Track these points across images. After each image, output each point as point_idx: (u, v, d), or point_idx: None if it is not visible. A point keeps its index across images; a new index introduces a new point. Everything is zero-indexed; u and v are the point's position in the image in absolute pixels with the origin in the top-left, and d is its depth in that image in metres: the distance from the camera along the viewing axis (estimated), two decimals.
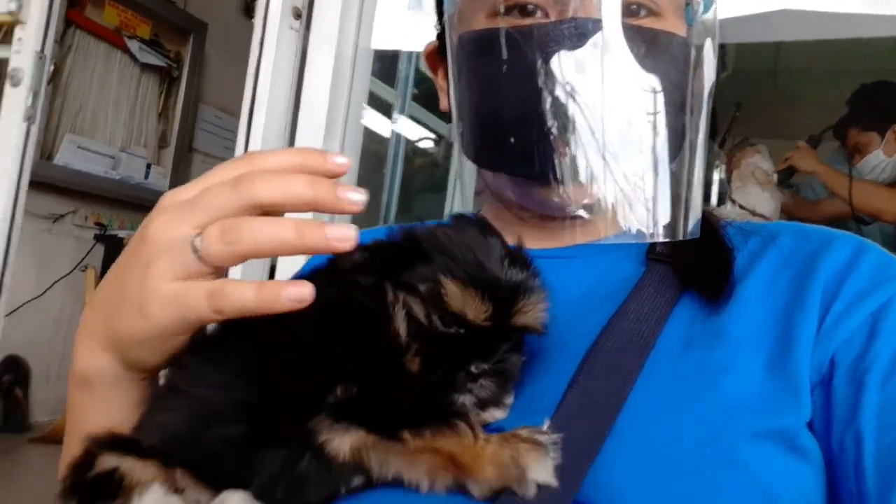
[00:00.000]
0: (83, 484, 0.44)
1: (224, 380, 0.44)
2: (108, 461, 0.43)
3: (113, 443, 0.45)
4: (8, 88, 1.50)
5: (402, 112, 2.46)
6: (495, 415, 0.47)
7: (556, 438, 0.41)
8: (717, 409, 0.46)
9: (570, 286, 0.53)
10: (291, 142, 1.33)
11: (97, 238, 3.27)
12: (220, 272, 0.44)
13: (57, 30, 1.64)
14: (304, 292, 0.40)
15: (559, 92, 0.52)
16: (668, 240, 0.52)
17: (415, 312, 0.44)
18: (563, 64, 0.52)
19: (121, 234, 3.27)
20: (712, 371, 0.48)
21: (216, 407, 0.44)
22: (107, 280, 0.49)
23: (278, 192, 0.42)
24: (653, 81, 0.53)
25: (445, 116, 0.69)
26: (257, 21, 1.25)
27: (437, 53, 0.69)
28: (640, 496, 0.42)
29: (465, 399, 0.45)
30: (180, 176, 3.63)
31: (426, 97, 2.48)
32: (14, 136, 1.47)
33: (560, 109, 0.52)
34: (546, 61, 0.52)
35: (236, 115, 3.90)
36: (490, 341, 0.44)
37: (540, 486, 0.40)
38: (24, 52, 1.51)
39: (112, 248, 3.23)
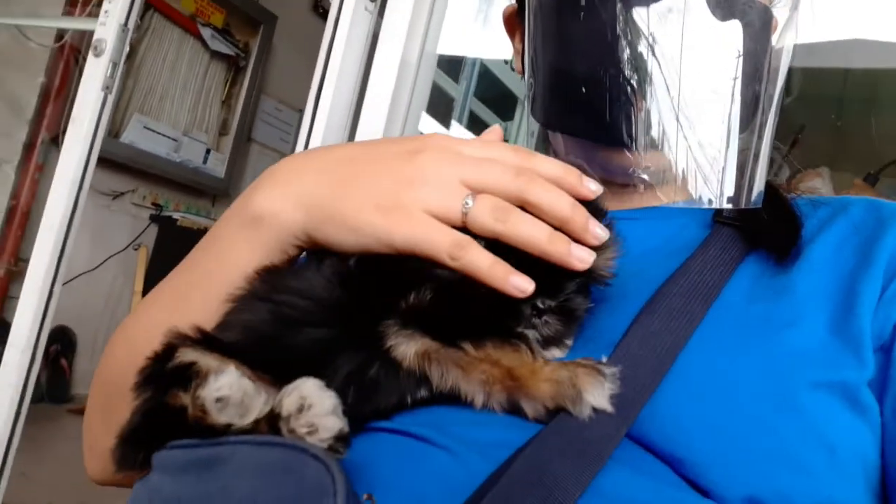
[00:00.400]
0: (161, 374, 0.44)
1: (309, 286, 0.46)
2: (187, 355, 0.44)
3: (194, 339, 0.46)
4: (90, 58, 1.53)
5: (459, 121, 2.44)
6: (555, 353, 0.47)
7: (615, 370, 0.42)
8: (779, 357, 0.46)
9: (634, 244, 0.53)
10: (353, 131, 1.32)
11: (152, 218, 3.33)
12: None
13: (139, 10, 1.67)
14: (528, 287, 0.43)
15: (637, 51, 0.52)
16: (731, 207, 0.53)
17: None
18: (643, 22, 0.52)
19: (175, 215, 3.32)
20: (776, 323, 0.48)
21: (301, 311, 0.45)
22: (345, 157, 0.52)
23: (547, 199, 0.45)
24: (735, 47, 0.53)
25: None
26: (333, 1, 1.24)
27: (515, 16, 0.70)
28: (697, 434, 0.42)
29: (530, 333, 0.46)
30: (237, 164, 3.68)
31: (488, 100, 2.46)
32: (91, 104, 1.49)
33: (638, 70, 0.52)
34: (626, 20, 0.52)
35: (296, 108, 3.94)
36: (558, 278, 0.45)
37: (595, 411, 0.40)
38: (109, 24, 1.53)
39: (166, 228, 3.28)
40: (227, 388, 0.40)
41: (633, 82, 0.52)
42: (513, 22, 0.71)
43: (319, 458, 0.36)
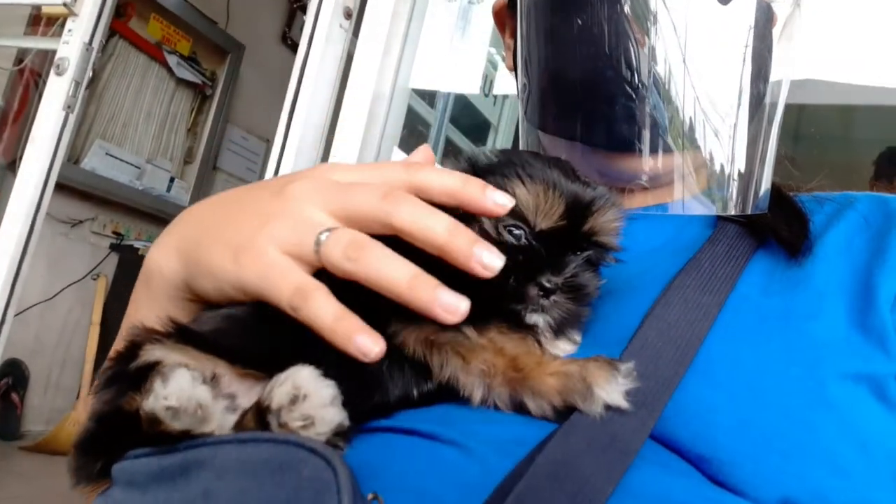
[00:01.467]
0: (123, 376, 0.40)
1: None
2: (153, 353, 0.40)
3: (163, 333, 0.42)
4: (52, 77, 1.49)
5: (434, 147, 2.45)
6: (565, 348, 0.44)
7: (630, 366, 0.38)
8: (804, 349, 0.44)
9: (639, 243, 0.52)
10: (325, 158, 1.31)
11: (113, 247, 3.24)
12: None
13: (103, 30, 1.64)
14: (373, 349, 0.37)
15: (640, 52, 0.51)
16: (740, 212, 0.52)
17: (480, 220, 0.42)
18: (646, 21, 0.51)
19: (137, 244, 3.23)
20: (796, 315, 0.46)
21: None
22: (225, 200, 0.49)
23: (416, 226, 0.40)
24: (741, 46, 0.52)
25: None
26: (308, 18, 1.23)
27: (506, 9, 0.68)
28: (725, 431, 0.40)
29: (539, 319, 0.42)
30: (202, 192, 3.61)
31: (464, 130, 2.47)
32: (52, 124, 1.46)
33: (641, 72, 0.50)
34: (628, 18, 0.51)
35: (263, 137, 3.92)
36: (560, 251, 0.42)
37: (609, 409, 0.37)
38: (73, 42, 1.51)
39: (127, 257, 3.19)
40: (176, 398, 0.35)
41: (637, 85, 0.50)
42: (503, 16, 0.69)
43: (318, 453, 0.32)
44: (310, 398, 0.35)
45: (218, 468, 0.34)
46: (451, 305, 0.37)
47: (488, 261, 0.38)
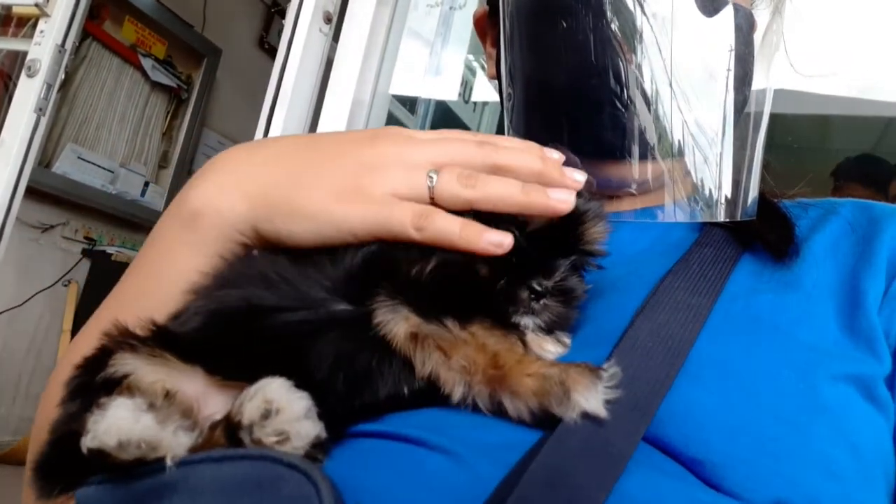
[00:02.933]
0: (88, 388, 0.37)
1: (284, 268, 0.42)
2: (123, 364, 0.37)
3: (141, 338, 0.39)
4: (23, 79, 1.46)
5: None
6: (554, 350, 0.44)
7: (614, 372, 0.37)
8: (795, 351, 0.44)
9: (624, 246, 0.52)
10: None
11: (85, 252, 3.17)
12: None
13: (76, 32, 1.61)
14: (505, 240, 0.41)
15: (625, 60, 0.51)
16: (729, 219, 0.52)
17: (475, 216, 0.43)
18: (631, 29, 0.51)
19: (110, 250, 3.17)
20: (786, 317, 0.46)
21: (278, 294, 0.40)
22: (294, 146, 0.49)
23: (515, 159, 0.44)
24: (723, 55, 0.52)
25: None
26: (287, 21, 1.22)
27: (487, 18, 0.67)
28: (718, 433, 0.39)
29: (529, 321, 0.42)
30: None
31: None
32: (22, 127, 1.42)
33: (627, 80, 0.51)
34: (613, 27, 0.51)
35: (239, 142, 3.90)
36: (549, 257, 0.43)
37: (587, 417, 0.36)
38: (45, 44, 1.47)
39: (99, 263, 3.13)
40: (115, 436, 0.32)
41: (624, 94, 0.50)
42: (484, 25, 0.68)
43: (297, 468, 0.31)
44: (283, 412, 0.34)
45: (191, 490, 0.32)
46: (564, 197, 0.43)
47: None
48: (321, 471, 0.31)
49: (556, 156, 0.46)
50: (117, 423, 0.33)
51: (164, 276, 0.49)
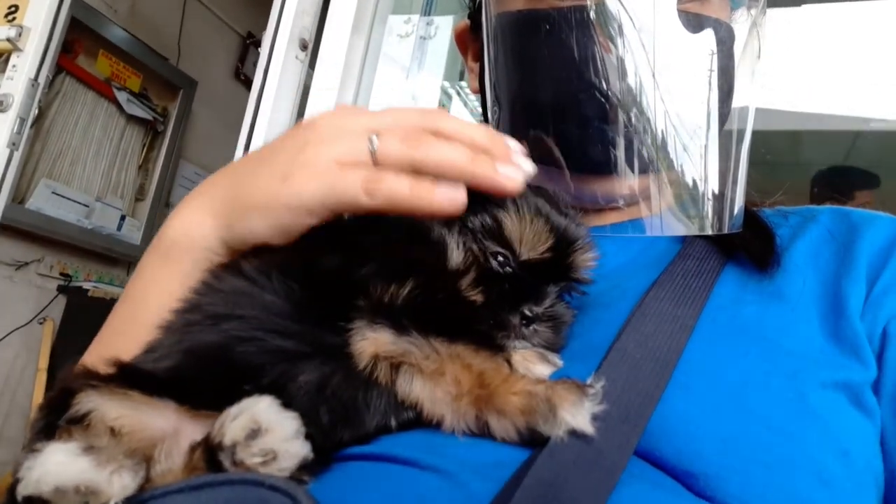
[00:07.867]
0: (53, 429, 0.36)
1: (257, 294, 0.41)
2: (86, 402, 0.36)
3: (103, 377, 0.38)
4: None
5: None
6: (543, 371, 0.43)
7: (599, 388, 0.36)
8: (782, 358, 0.44)
9: (608, 257, 0.52)
10: None
11: (60, 289, 3.11)
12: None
13: (50, 66, 1.60)
14: (458, 196, 0.40)
15: (611, 77, 0.51)
16: (714, 233, 0.52)
17: (469, 243, 0.43)
18: (616, 46, 0.51)
19: (87, 285, 3.11)
20: (772, 326, 0.46)
21: (252, 324, 0.39)
22: (246, 158, 0.50)
23: (460, 129, 0.42)
24: (704, 69, 0.53)
25: None
26: (263, 49, 1.22)
27: (469, 32, 0.68)
28: (710, 444, 0.39)
29: (518, 345, 0.42)
30: (154, 230, 3.51)
31: None
32: None
33: (612, 96, 0.51)
34: (598, 44, 0.51)
35: None
36: (539, 283, 0.43)
37: (574, 435, 0.35)
38: (17, 78, 1.46)
39: (76, 299, 3.07)
40: (53, 479, 0.31)
41: (609, 109, 0.50)
42: (465, 39, 0.69)
43: (281, 490, 0.30)
44: (272, 431, 0.33)
45: None
46: (513, 173, 0.41)
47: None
48: (307, 492, 0.30)
49: (511, 143, 0.44)
50: (53, 469, 0.32)
51: (153, 301, 0.48)
